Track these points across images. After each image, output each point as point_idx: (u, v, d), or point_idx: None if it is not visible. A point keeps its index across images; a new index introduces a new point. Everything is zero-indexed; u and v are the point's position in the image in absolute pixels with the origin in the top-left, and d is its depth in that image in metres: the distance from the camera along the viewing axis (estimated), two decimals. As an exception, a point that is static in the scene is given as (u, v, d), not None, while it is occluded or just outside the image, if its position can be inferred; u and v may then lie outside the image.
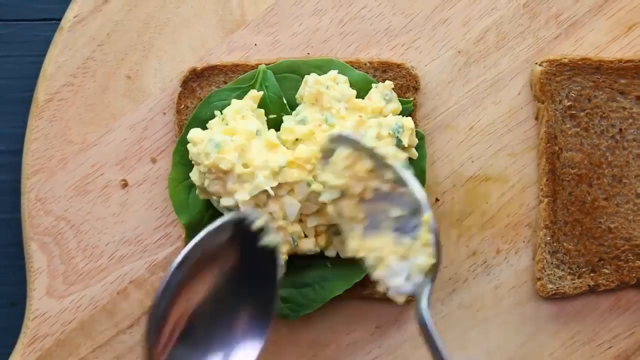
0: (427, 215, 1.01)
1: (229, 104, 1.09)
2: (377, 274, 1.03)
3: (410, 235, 1.03)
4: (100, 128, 1.14)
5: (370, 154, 1.03)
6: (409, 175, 1.02)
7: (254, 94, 1.09)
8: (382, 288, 1.03)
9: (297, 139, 1.07)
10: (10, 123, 1.16)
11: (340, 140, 1.04)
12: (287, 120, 1.09)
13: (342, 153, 1.04)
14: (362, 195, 1.04)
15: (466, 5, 1.14)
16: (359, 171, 1.03)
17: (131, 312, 1.14)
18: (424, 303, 1.00)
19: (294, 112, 1.09)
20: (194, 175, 1.09)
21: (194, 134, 1.07)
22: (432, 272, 1.01)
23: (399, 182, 1.03)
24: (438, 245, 1.01)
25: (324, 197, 1.05)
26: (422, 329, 0.99)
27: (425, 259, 1.01)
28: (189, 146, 1.07)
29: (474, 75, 1.14)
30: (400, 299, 1.03)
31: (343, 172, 1.04)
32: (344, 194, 1.05)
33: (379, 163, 1.03)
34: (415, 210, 1.02)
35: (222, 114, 1.08)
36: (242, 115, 1.07)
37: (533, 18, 1.14)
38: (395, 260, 1.03)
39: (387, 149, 1.03)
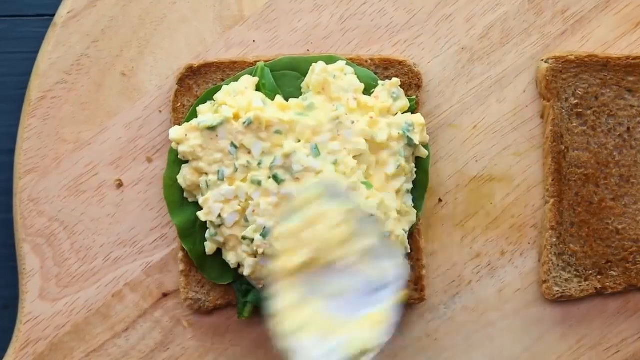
0: (404, 293, 0.99)
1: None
2: (291, 342, 0.97)
3: (345, 311, 0.98)
4: (94, 126, 1.12)
5: (355, 217, 0.98)
6: (393, 248, 1.01)
7: (250, 79, 1.08)
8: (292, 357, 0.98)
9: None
10: (2, 121, 1.15)
11: (329, 193, 0.99)
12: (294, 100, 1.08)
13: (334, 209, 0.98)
14: (312, 265, 0.99)
15: (470, 0, 1.13)
16: (337, 234, 0.98)
17: (126, 316, 1.12)
18: None
19: (301, 97, 1.08)
20: (181, 178, 1.08)
21: (176, 131, 1.06)
22: (373, 351, 0.97)
23: (369, 253, 0.98)
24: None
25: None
26: None
27: (373, 336, 0.97)
28: (180, 147, 1.06)
29: (477, 73, 1.13)
30: None
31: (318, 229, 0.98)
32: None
33: (360, 227, 0.98)
34: (373, 289, 0.98)
35: (214, 100, 1.07)
36: (243, 94, 1.07)
37: (539, 14, 1.13)
38: (317, 333, 0.97)
39: (374, 212, 1.01)
